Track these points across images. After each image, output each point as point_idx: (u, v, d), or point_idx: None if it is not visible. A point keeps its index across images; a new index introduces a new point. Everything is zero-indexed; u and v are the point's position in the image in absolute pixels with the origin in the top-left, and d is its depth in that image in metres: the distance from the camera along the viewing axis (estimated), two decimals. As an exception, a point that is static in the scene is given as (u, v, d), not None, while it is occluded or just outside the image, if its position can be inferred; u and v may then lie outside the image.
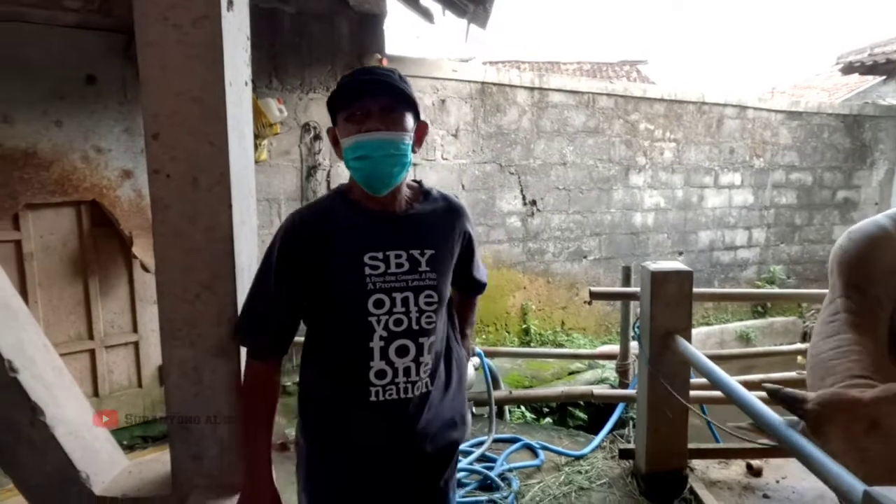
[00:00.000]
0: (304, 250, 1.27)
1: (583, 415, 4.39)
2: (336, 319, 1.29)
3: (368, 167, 1.25)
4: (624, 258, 6.50)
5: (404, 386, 1.29)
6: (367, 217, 1.31)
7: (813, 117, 7.37)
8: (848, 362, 1.45)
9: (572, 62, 15.28)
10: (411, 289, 1.29)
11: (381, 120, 1.23)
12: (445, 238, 1.38)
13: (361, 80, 1.26)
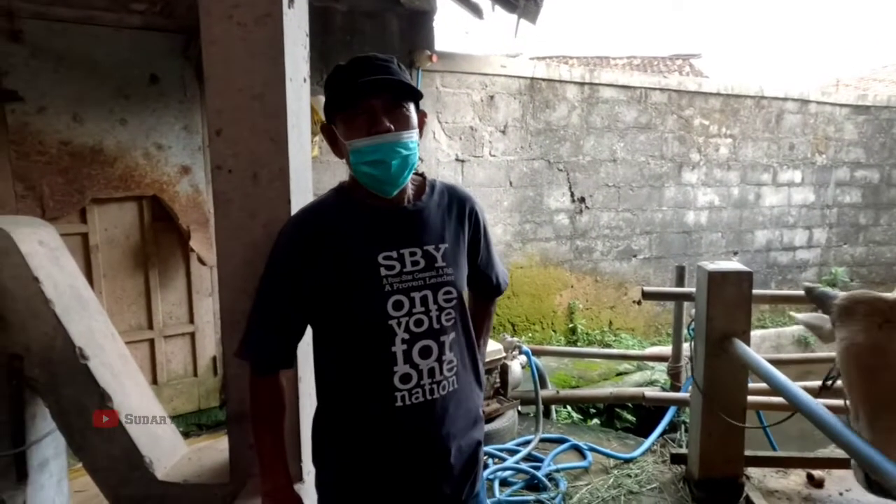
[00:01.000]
0: (311, 255, 1.20)
1: (631, 417, 4.30)
2: (352, 326, 1.22)
3: (382, 172, 1.18)
4: (675, 258, 6.32)
5: (430, 387, 1.24)
6: (377, 215, 1.25)
7: (882, 111, 6.98)
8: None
9: (622, 57, 14.96)
10: (429, 286, 1.23)
11: (388, 119, 1.17)
12: (457, 230, 1.33)
13: (362, 77, 1.16)
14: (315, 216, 1.27)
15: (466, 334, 1.34)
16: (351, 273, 1.21)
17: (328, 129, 1.25)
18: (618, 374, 4.94)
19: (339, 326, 1.25)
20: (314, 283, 1.21)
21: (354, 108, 1.18)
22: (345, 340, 1.25)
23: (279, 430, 1.30)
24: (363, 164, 1.19)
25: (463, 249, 1.34)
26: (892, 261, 7.42)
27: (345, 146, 1.20)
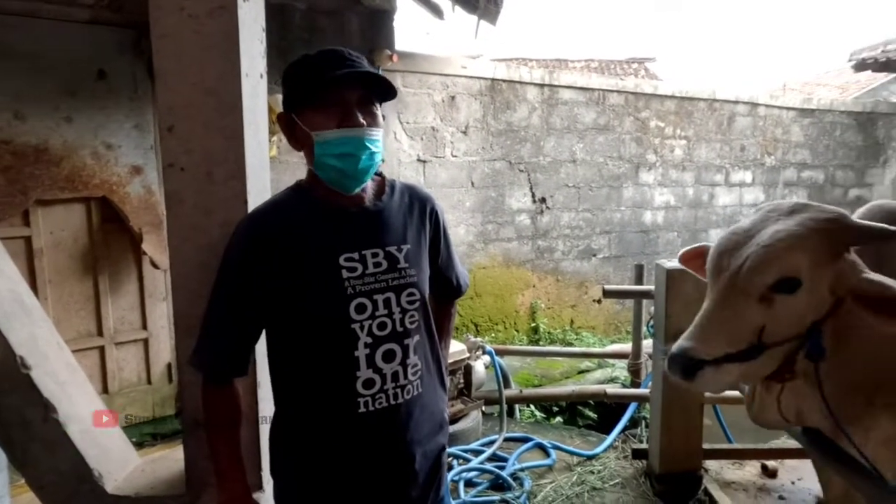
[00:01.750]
0: (268, 256, 1.15)
1: (592, 414, 4.36)
2: (313, 331, 1.18)
3: (349, 166, 1.16)
4: (634, 257, 6.44)
5: (394, 392, 1.21)
6: (337, 215, 1.21)
7: (825, 115, 7.29)
8: None
9: (580, 60, 15.21)
10: (392, 288, 1.21)
11: (360, 113, 1.15)
12: (418, 230, 1.31)
13: (337, 69, 1.14)
14: (271, 215, 1.22)
15: (430, 337, 1.32)
16: (310, 275, 1.17)
17: (286, 117, 1.21)
18: (579, 372, 5.00)
19: (297, 330, 1.20)
20: (271, 286, 1.17)
21: (325, 99, 1.15)
22: (304, 345, 1.21)
23: (235, 440, 1.25)
24: (330, 156, 1.16)
25: (425, 250, 1.32)
26: (836, 258, 7.73)
27: (308, 137, 1.16)
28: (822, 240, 1.22)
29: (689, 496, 2.83)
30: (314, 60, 1.17)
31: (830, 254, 1.23)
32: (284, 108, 1.22)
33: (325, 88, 1.14)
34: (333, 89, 1.14)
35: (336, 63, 1.15)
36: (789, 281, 1.22)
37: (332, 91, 1.14)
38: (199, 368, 1.23)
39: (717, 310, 1.26)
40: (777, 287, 1.22)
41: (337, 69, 1.13)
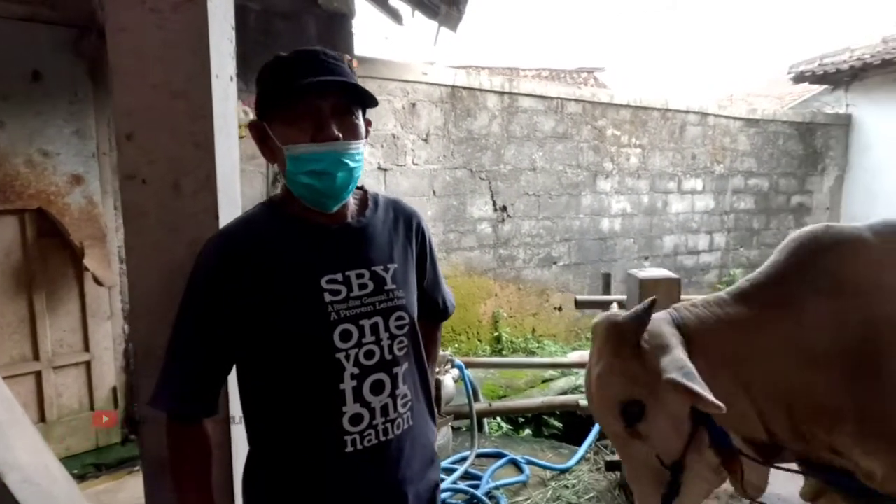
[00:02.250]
0: (241, 279, 1.03)
1: (558, 423, 4.32)
2: (292, 361, 1.06)
3: (325, 184, 1.04)
4: (592, 264, 6.50)
5: (383, 427, 1.09)
6: (316, 233, 1.10)
7: (769, 125, 7.58)
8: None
9: (532, 69, 15.40)
10: (380, 312, 1.09)
11: (336, 125, 1.03)
12: (405, 248, 1.21)
13: (311, 75, 1.00)
14: (244, 233, 1.08)
15: (419, 363, 1.21)
16: (289, 300, 1.04)
17: (258, 125, 1.07)
18: (543, 381, 4.97)
19: (275, 362, 1.07)
20: (244, 312, 1.03)
21: (296, 108, 1.02)
22: (283, 378, 1.08)
23: (206, 485, 1.10)
24: (303, 173, 1.03)
25: (412, 269, 1.22)
26: (781, 262, 8.04)
27: (280, 151, 1.04)
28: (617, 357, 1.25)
29: (665, 507, 2.80)
30: (286, 63, 1.04)
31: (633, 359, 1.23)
32: (257, 115, 1.09)
33: (295, 97, 1.01)
34: (306, 97, 1.01)
35: (309, 67, 1.02)
36: (631, 411, 1.24)
37: (304, 99, 1.01)
38: (164, 408, 1.07)
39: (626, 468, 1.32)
40: (629, 423, 1.25)
41: (310, 74, 1.00)
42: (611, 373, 1.26)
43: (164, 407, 1.07)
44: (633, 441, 1.27)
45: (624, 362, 1.25)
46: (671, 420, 1.25)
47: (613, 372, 1.25)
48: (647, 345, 1.23)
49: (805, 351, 1.19)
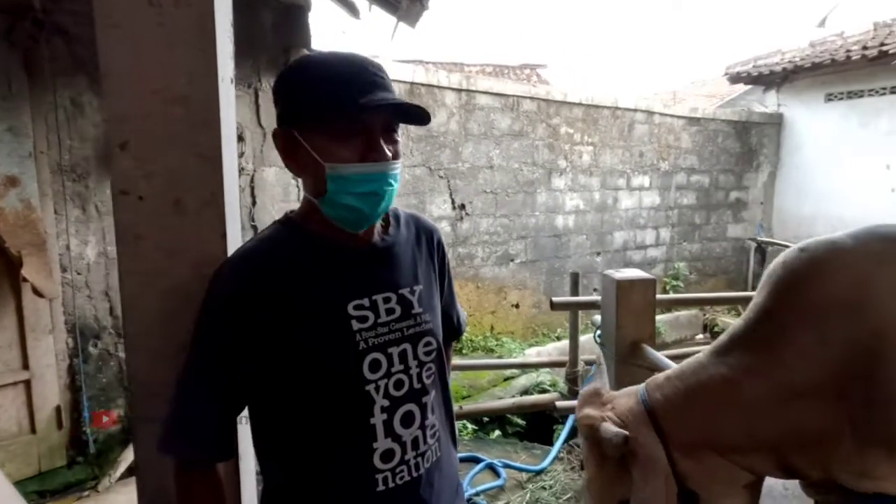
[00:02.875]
0: (260, 308, 0.93)
1: (521, 421, 4.34)
2: (317, 396, 0.97)
3: (370, 207, 0.96)
4: (548, 261, 6.57)
5: (415, 462, 1.02)
6: (342, 254, 1.01)
7: (709, 123, 7.88)
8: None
9: (476, 64, 15.44)
10: (408, 339, 1.02)
11: (385, 143, 0.95)
12: (428, 268, 1.14)
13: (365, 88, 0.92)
14: (262, 256, 0.98)
15: (445, 390, 1.14)
16: (315, 328, 0.95)
17: (287, 136, 0.96)
18: (505, 380, 4.97)
19: (298, 396, 0.97)
20: (266, 345, 0.94)
21: (349, 125, 0.92)
22: (307, 413, 0.98)
23: None
24: (349, 194, 0.94)
25: (436, 290, 1.14)
26: (720, 255, 8.42)
27: (317, 165, 0.93)
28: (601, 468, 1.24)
29: None
30: (333, 73, 0.94)
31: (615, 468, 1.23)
32: (283, 123, 0.98)
33: (351, 112, 0.91)
34: (367, 115, 0.92)
35: (363, 81, 0.93)
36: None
37: (360, 116, 0.92)
38: (178, 454, 0.96)
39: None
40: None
41: (367, 91, 0.91)
42: (599, 482, 1.27)
43: (178, 453, 0.95)
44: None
45: (608, 473, 1.25)
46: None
47: (602, 481, 1.26)
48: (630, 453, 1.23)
49: (791, 389, 1.17)
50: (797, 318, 1.18)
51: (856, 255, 1.20)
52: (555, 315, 6.07)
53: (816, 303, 1.18)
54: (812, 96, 8.08)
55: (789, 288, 1.20)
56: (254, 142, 3.93)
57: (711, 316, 7.91)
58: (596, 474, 1.25)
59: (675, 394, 1.24)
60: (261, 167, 3.98)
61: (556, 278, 6.63)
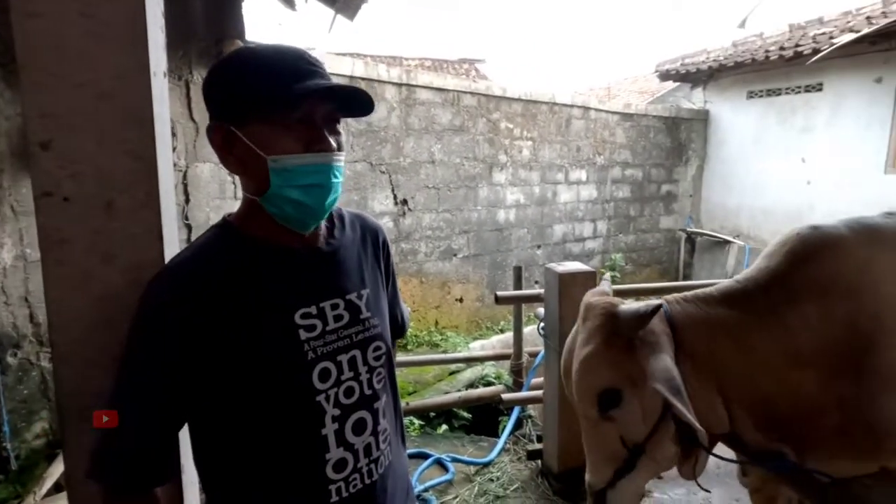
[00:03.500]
0: (200, 320, 0.88)
1: (466, 414, 4.39)
2: (266, 410, 0.93)
3: (315, 200, 0.93)
4: (490, 254, 6.65)
5: (367, 469, 1.00)
6: (286, 259, 0.97)
7: (642, 119, 8.18)
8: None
9: (414, 58, 15.36)
10: (357, 345, 1.00)
11: (330, 135, 0.93)
12: (374, 269, 1.12)
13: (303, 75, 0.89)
14: (200, 265, 0.93)
15: (395, 393, 1.13)
16: (261, 340, 0.91)
17: (223, 131, 0.92)
18: (450, 374, 5.00)
19: (245, 411, 0.93)
20: (207, 359, 0.89)
21: (289, 115, 0.89)
22: (254, 428, 0.94)
23: None
24: (293, 187, 0.91)
25: (383, 292, 1.13)
26: (653, 246, 8.76)
27: (258, 160, 0.90)
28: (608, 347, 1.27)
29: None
30: (268, 63, 0.91)
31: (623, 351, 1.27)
32: (217, 118, 0.94)
33: (293, 103, 0.89)
34: (303, 103, 0.89)
35: (299, 69, 0.90)
36: (609, 398, 1.27)
37: (301, 105, 0.89)
38: (113, 481, 0.88)
39: (586, 439, 1.34)
40: (603, 408, 1.27)
41: (306, 78, 0.89)
42: (598, 360, 1.26)
43: (114, 480, 0.88)
44: (601, 422, 1.30)
45: (613, 352, 1.25)
46: (643, 411, 1.27)
47: (601, 359, 1.26)
48: (638, 339, 1.24)
49: (791, 353, 1.25)
50: (806, 288, 1.29)
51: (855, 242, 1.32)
52: (498, 308, 6.16)
53: (822, 279, 1.29)
54: (735, 93, 8.52)
55: (803, 259, 1.31)
56: (186, 137, 3.77)
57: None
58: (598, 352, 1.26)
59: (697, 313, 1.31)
60: (194, 163, 3.82)
61: (498, 272, 6.72)
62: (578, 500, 2.86)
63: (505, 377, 4.17)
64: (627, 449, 1.29)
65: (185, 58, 3.74)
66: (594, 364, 1.27)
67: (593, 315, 1.32)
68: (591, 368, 1.27)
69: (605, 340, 1.26)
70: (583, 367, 1.27)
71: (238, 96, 0.91)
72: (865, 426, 1.24)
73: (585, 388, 1.28)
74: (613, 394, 1.26)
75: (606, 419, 1.28)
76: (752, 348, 1.27)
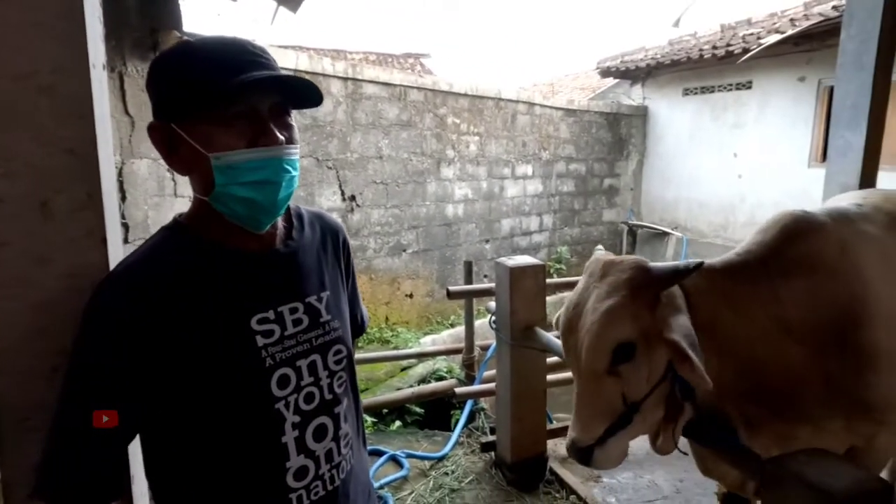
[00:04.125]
0: (152, 327, 0.84)
1: (419, 410, 4.40)
2: (223, 420, 0.90)
3: (266, 197, 0.89)
4: (439, 250, 6.67)
5: (329, 475, 0.98)
6: (241, 262, 0.94)
7: (585, 115, 8.37)
8: None
9: (358, 52, 15.18)
10: (317, 349, 0.98)
11: (276, 127, 0.89)
12: (335, 271, 1.09)
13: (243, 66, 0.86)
14: (151, 269, 0.88)
15: (356, 395, 1.11)
16: (216, 347, 0.88)
17: (167, 129, 0.88)
18: (402, 370, 5.00)
19: (200, 422, 0.90)
20: (159, 368, 0.85)
21: (229, 109, 0.85)
22: (211, 439, 0.91)
23: None
24: (240, 185, 0.87)
25: (344, 294, 1.10)
26: (597, 238, 9.00)
27: (201, 159, 0.86)
28: (633, 300, 1.28)
29: (539, 478, 3.00)
30: (209, 55, 0.87)
31: (646, 307, 1.30)
32: (159, 117, 0.90)
33: (233, 96, 0.85)
34: (244, 96, 0.86)
35: (242, 60, 0.86)
36: (623, 351, 1.28)
37: (242, 98, 0.86)
38: (58, 497, 0.84)
39: (581, 395, 1.33)
40: (615, 362, 1.29)
41: (247, 69, 0.85)
42: (622, 312, 1.26)
43: (64, 497, 0.84)
44: (605, 377, 1.30)
45: (637, 306, 1.26)
46: (650, 368, 1.30)
47: (625, 312, 1.26)
48: (664, 297, 1.28)
49: (783, 325, 1.33)
50: (796, 264, 1.38)
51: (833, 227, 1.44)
52: (448, 303, 6.19)
53: (811, 256, 1.39)
54: (672, 90, 8.84)
55: (795, 235, 1.42)
56: (121, 131, 3.59)
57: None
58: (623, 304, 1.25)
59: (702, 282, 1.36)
60: (130, 159, 3.65)
61: (447, 266, 6.75)
62: (532, 489, 2.93)
63: (456, 371, 4.20)
64: (626, 406, 1.30)
65: (117, 48, 3.55)
66: (617, 316, 1.26)
67: (619, 270, 1.32)
68: (614, 320, 1.26)
69: (632, 293, 1.26)
70: (604, 318, 1.26)
71: (176, 92, 0.87)
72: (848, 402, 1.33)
73: (603, 339, 1.27)
74: (629, 348, 1.27)
75: (613, 374, 1.29)
76: (751, 319, 1.33)
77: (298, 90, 0.92)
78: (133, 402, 0.86)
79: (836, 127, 3.02)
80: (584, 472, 3.11)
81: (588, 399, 1.32)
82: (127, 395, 0.85)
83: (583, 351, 1.29)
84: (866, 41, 2.91)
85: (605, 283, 1.32)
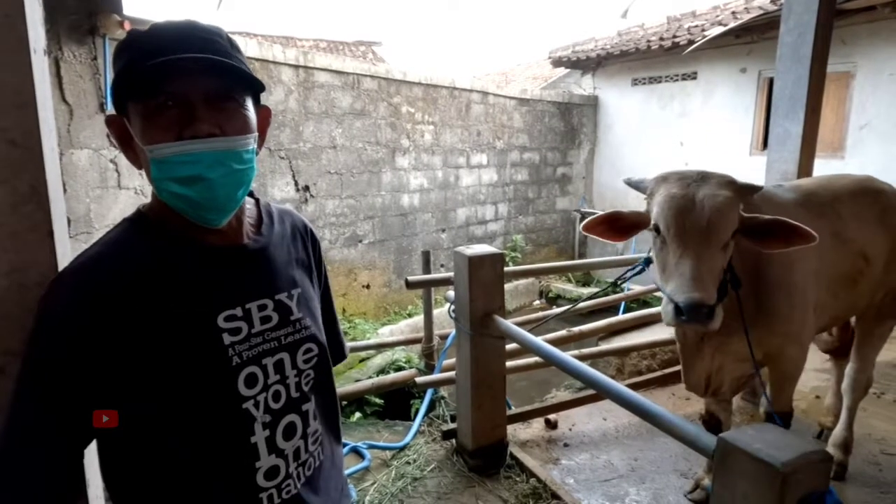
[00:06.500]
0: (111, 326, 0.80)
1: (378, 400, 4.39)
2: (188, 422, 0.86)
3: (200, 194, 0.83)
4: (396, 240, 6.64)
5: (297, 472, 0.97)
6: (207, 258, 0.90)
7: (538, 104, 8.46)
8: None
9: (308, 39, 14.87)
10: (285, 347, 0.95)
11: (213, 116, 0.83)
12: (306, 267, 1.06)
13: (171, 48, 0.79)
14: (111, 263, 0.84)
15: (331, 392, 1.09)
16: (180, 346, 0.84)
17: (118, 122, 0.85)
18: (360, 361, 4.98)
19: (164, 425, 0.86)
20: (119, 370, 0.81)
21: (156, 97, 0.80)
22: (175, 443, 0.86)
23: None
24: (171, 180, 0.82)
25: (315, 291, 1.08)
26: (551, 226, 9.15)
27: (144, 152, 0.82)
28: (738, 198, 1.72)
29: (500, 463, 3.05)
30: (149, 39, 0.82)
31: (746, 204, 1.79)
32: (115, 107, 0.86)
33: (155, 81, 0.79)
34: (169, 82, 0.80)
35: (174, 43, 0.80)
36: (734, 231, 1.71)
37: (167, 85, 0.80)
38: (11, 500, 0.79)
39: (700, 262, 1.63)
40: (734, 233, 1.71)
41: (172, 52, 0.79)
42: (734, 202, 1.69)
43: (16, 500, 0.79)
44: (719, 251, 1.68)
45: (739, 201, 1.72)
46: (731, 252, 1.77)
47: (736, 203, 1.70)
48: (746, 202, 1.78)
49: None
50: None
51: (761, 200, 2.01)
52: (405, 293, 6.19)
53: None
54: (621, 80, 9.03)
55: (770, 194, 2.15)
56: (59, 120, 3.42)
57: (546, 283, 8.61)
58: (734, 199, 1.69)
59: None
60: (69, 150, 3.48)
61: (404, 256, 6.73)
62: (493, 474, 2.97)
63: (415, 361, 4.21)
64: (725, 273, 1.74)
65: (52, 32, 3.37)
66: (734, 205, 1.68)
67: (717, 178, 1.73)
68: (732, 208, 1.68)
69: (737, 192, 1.71)
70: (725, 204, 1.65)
71: (115, 80, 0.83)
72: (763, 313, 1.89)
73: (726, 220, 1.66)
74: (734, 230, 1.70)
75: (725, 247, 1.69)
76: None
77: (234, 73, 0.85)
78: (88, 406, 0.82)
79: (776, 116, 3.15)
80: (542, 456, 3.18)
81: (706, 267, 1.62)
82: (82, 398, 0.81)
83: (711, 227, 1.63)
84: (804, 34, 3.04)
85: (712, 183, 1.70)
